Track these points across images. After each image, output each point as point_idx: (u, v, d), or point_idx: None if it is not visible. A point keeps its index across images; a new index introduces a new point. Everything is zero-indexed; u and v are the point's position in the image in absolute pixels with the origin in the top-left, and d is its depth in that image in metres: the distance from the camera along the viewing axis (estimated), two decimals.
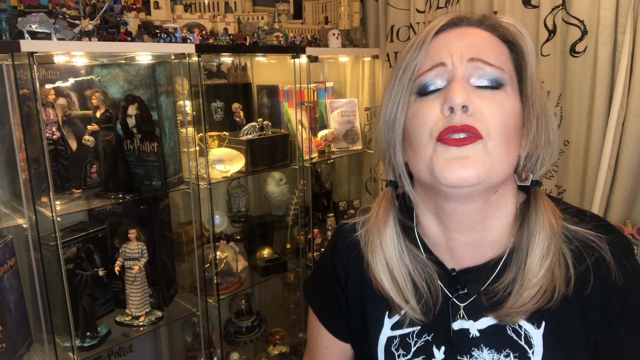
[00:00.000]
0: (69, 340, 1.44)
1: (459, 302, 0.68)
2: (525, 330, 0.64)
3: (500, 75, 0.62)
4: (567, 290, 0.62)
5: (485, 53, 0.62)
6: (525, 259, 0.62)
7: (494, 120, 0.60)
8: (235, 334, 2.01)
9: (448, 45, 0.63)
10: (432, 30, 0.65)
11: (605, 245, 0.63)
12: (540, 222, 0.63)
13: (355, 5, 2.32)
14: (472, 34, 0.64)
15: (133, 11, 1.58)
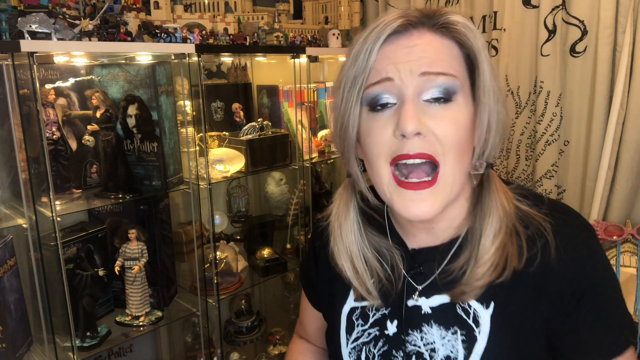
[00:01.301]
0: (69, 340, 1.44)
1: (416, 281, 0.72)
2: (475, 310, 0.67)
3: (452, 84, 0.61)
4: (520, 265, 0.64)
5: (436, 63, 0.61)
6: (479, 239, 0.65)
7: (448, 140, 0.61)
8: (235, 334, 2.01)
9: (395, 58, 0.62)
10: (379, 38, 0.62)
11: (552, 231, 0.65)
12: (493, 204, 0.66)
13: (355, 5, 2.32)
14: (420, 44, 0.62)
15: (133, 11, 1.58)
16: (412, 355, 0.70)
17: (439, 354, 0.68)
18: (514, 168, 1.87)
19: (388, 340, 0.73)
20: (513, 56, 1.80)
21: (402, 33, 0.62)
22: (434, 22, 0.63)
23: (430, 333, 0.69)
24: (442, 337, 0.68)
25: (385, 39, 0.63)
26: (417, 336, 0.70)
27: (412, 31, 0.63)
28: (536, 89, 1.75)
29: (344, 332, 0.78)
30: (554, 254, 0.64)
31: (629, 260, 1.56)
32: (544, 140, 1.74)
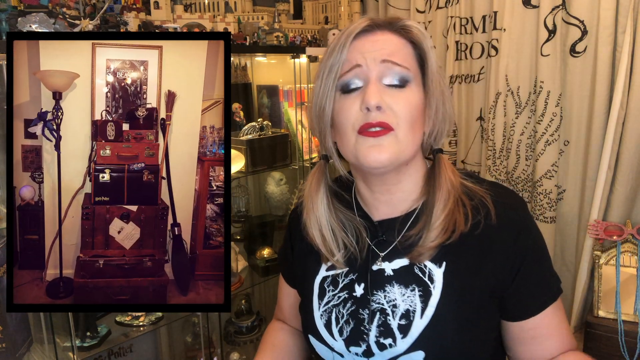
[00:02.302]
0: (69, 340, 1.44)
1: (379, 248, 0.84)
2: (429, 269, 0.80)
3: (406, 74, 0.76)
4: (466, 229, 0.77)
5: (394, 55, 0.76)
6: (431, 209, 0.78)
7: (402, 114, 0.75)
8: (235, 334, 2.01)
9: (363, 50, 0.77)
10: (350, 35, 0.77)
11: (492, 201, 0.79)
12: (442, 179, 0.79)
13: (355, 5, 2.32)
14: (382, 39, 0.77)
15: (133, 11, 1.58)
16: (376, 312, 0.81)
17: (399, 308, 0.79)
18: (514, 168, 1.87)
19: (356, 301, 0.83)
20: (513, 56, 1.80)
21: (369, 32, 0.78)
22: (394, 26, 0.79)
23: (392, 292, 0.81)
24: (402, 295, 0.80)
25: (355, 36, 0.77)
26: (381, 295, 0.81)
27: (377, 31, 0.78)
28: (536, 89, 1.75)
29: (316, 298, 0.88)
30: (495, 219, 0.78)
31: (629, 260, 1.56)
32: (544, 140, 1.74)
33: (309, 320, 0.88)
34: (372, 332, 0.80)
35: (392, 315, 0.80)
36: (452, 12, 1.97)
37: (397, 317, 0.79)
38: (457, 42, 1.98)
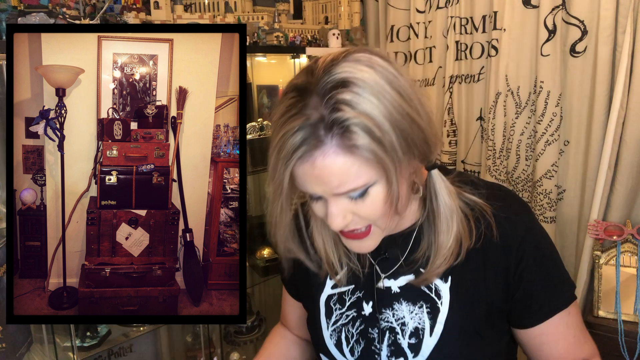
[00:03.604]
0: (69, 340, 1.44)
1: (383, 265, 0.82)
2: (436, 285, 0.79)
3: (363, 189, 0.66)
4: (470, 243, 0.75)
5: (344, 185, 0.65)
6: (434, 234, 0.76)
7: (372, 217, 0.69)
8: (235, 333, 2.01)
9: (309, 182, 0.66)
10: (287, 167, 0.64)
11: (492, 213, 0.76)
12: (440, 206, 0.74)
13: (355, 5, 2.32)
14: (325, 170, 0.63)
15: (133, 11, 1.58)
16: (385, 330, 0.80)
17: (408, 326, 0.79)
18: (514, 168, 1.87)
19: (364, 320, 0.82)
20: (513, 56, 1.80)
21: (306, 159, 0.64)
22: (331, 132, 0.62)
23: (400, 310, 0.80)
24: (410, 312, 0.79)
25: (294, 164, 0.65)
26: (390, 313, 0.80)
27: (315, 154, 0.63)
28: (536, 89, 1.75)
29: (324, 317, 0.86)
30: (496, 232, 0.75)
31: (629, 260, 1.56)
32: (544, 140, 1.74)
33: (319, 339, 0.87)
34: (384, 352, 0.80)
35: (401, 334, 0.79)
36: (452, 12, 1.97)
37: (406, 336, 0.79)
38: (457, 42, 1.98)
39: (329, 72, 0.64)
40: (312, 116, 0.63)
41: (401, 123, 0.64)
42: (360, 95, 0.62)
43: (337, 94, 0.62)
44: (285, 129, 0.64)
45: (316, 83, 0.64)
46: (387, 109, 0.63)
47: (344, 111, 0.62)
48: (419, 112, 0.67)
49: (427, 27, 2.10)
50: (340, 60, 0.65)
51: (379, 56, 0.67)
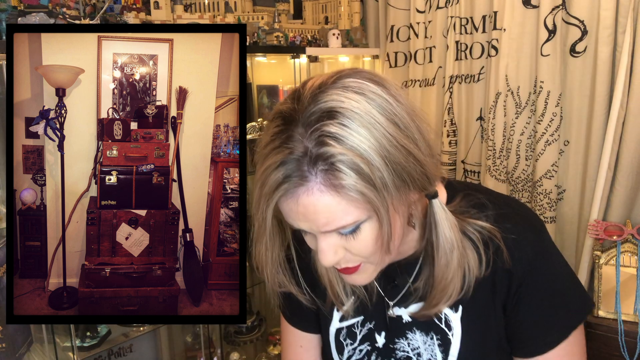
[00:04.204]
0: (69, 340, 1.44)
1: (391, 293, 0.77)
2: (446, 315, 0.74)
3: (355, 225, 0.61)
4: (480, 273, 0.70)
5: (331, 223, 0.59)
6: (432, 266, 0.70)
7: (365, 254, 0.64)
8: (235, 334, 2.01)
9: (293, 219, 0.62)
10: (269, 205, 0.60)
11: (501, 237, 0.70)
12: (440, 234, 0.68)
13: (355, 5, 2.32)
14: (310, 207, 0.58)
15: (133, 11, 1.58)
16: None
17: (423, 357, 0.75)
18: (514, 168, 1.87)
19: (380, 352, 0.78)
20: (513, 56, 1.80)
21: (289, 196, 0.59)
22: (315, 167, 0.57)
23: (414, 339, 0.76)
24: (424, 342, 0.76)
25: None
26: (404, 343, 0.77)
27: (299, 191, 0.58)
28: (536, 89, 1.75)
29: (335, 354, 0.82)
30: (507, 255, 0.69)
31: (629, 260, 1.56)
32: (544, 140, 1.74)
33: None
34: None
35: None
36: (452, 12, 1.97)
37: None
38: (457, 42, 1.98)
39: (315, 99, 0.59)
40: (296, 149, 0.57)
41: (395, 157, 0.58)
42: (348, 127, 0.56)
43: (322, 125, 0.57)
44: (267, 162, 0.59)
45: (302, 111, 0.58)
46: (379, 142, 0.57)
47: (330, 145, 0.56)
48: (416, 142, 0.60)
49: (427, 27, 2.10)
50: (328, 86, 0.60)
51: (372, 81, 0.60)
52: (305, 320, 0.89)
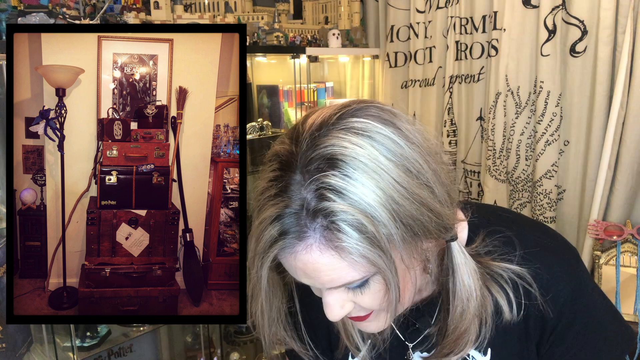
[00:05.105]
0: (69, 340, 1.44)
1: (412, 337, 0.71)
2: (473, 358, 0.68)
3: (359, 282, 0.55)
4: (511, 317, 0.64)
5: (335, 281, 0.54)
6: (447, 314, 0.63)
7: (377, 306, 0.59)
8: (235, 334, 2.01)
9: (294, 274, 0.57)
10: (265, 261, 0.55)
11: (532, 280, 0.63)
12: (457, 281, 0.61)
13: (355, 5, 2.32)
14: (309, 263, 0.53)
15: (133, 11, 1.58)
16: None
17: None
18: (514, 168, 1.87)
19: None
20: (513, 56, 1.80)
21: (287, 251, 0.54)
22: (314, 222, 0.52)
23: None
24: None
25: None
26: None
27: (297, 248, 0.53)
28: (536, 89, 1.75)
29: None
30: (541, 301, 0.63)
31: (629, 260, 1.56)
32: (544, 140, 1.74)
33: None
34: None
35: None
36: (452, 12, 1.97)
37: None
38: (457, 42, 1.98)
39: (314, 143, 0.52)
40: (293, 202, 0.52)
41: (405, 209, 0.52)
42: (351, 179, 0.50)
43: (322, 176, 0.51)
44: (262, 215, 0.54)
45: (300, 156, 0.53)
46: (386, 194, 0.51)
47: (330, 200, 0.50)
48: (432, 190, 0.54)
49: (427, 27, 2.10)
50: (330, 126, 0.53)
51: (379, 120, 0.54)
52: None
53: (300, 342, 0.71)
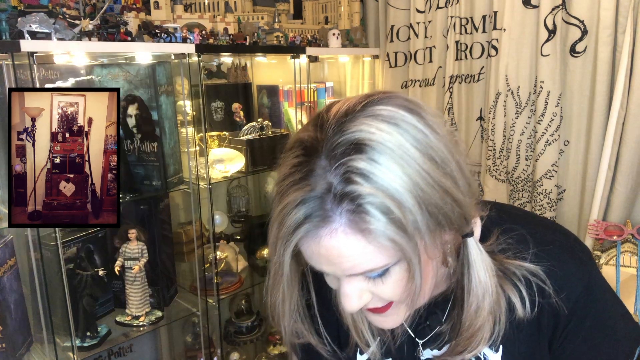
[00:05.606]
0: (69, 340, 1.44)
1: (423, 334, 0.71)
2: (484, 355, 0.67)
3: (381, 270, 0.55)
4: (524, 314, 0.64)
5: (357, 267, 0.54)
6: (461, 311, 0.63)
7: (394, 296, 0.58)
8: (235, 334, 2.01)
9: (314, 261, 0.56)
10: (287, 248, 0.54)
11: (546, 277, 0.64)
12: (473, 277, 0.61)
13: (355, 5, 2.32)
14: (333, 250, 0.53)
15: (133, 11, 1.58)
16: None
17: None
18: (514, 168, 1.87)
19: None
20: (513, 56, 1.80)
21: (311, 237, 0.53)
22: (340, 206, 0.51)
23: None
24: None
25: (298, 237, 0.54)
26: None
27: (321, 232, 0.52)
28: (536, 89, 1.75)
29: None
30: (554, 298, 0.63)
31: (629, 260, 1.56)
32: (544, 140, 1.74)
33: None
34: None
35: None
36: (452, 12, 1.97)
37: None
38: (457, 42, 1.98)
39: (341, 129, 0.52)
40: (318, 186, 0.51)
41: (430, 197, 0.51)
42: (378, 163, 0.50)
43: (349, 160, 0.50)
44: (286, 200, 0.53)
45: (325, 142, 0.52)
46: (412, 181, 0.50)
47: (357, 184, 0.50)
48: (455, 180, 0.54)
49: (427, 27, 2.10)
50: (356, 113, 0.53)
51: (406, 109, 0.54)
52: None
53: (318, 337, 0.70)
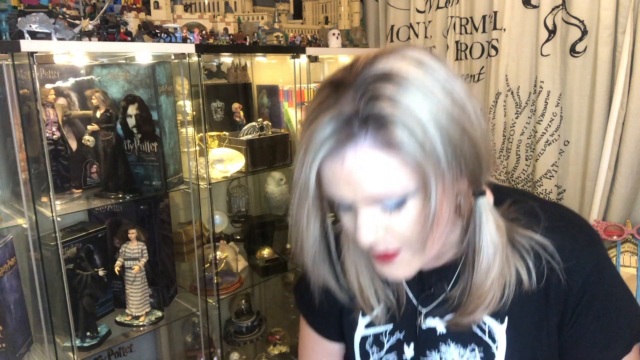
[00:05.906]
0: (69, 340, 1.44)
1: (425, 302, 0.72)
2: (489, 326, 0.68)
3: (398, 200, 0.56)
4: (530, 286, 0.65)
5: (377, 189, 0.55)
6: (471, 271, 0.64)
7: (407, 234, 0.58)
8: (235, 334, 2.01)
9: (336, 185, 0.57)
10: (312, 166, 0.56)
11: (554, 252, 0.64)
12: (484, 237, 0.63)
13: (355, 5, 2.32)
14: (356, 168, 0.54)
15: (133, 11, 1.58)
16: None
17: None
18: (514, 168, 1.87)
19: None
20: (513, 56, 1.80)
21: (335, 155, 0.55)
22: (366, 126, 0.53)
23: (448, 353, 0.70)
24: (460, 356, 0.69)
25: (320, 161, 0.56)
26: (436, 356, 0.71)
27: (346, 149, 0.54)
28: (536, 89, 1.75)
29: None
30: (560, 268, 0.64)
31: (629, 260, 1.56)
32: (544, 140, 1.74)
33: None
34: None
35: None
36: (452, 12, 1.97)
37: None
38: (457, 42, 1.98)
39: (370, 64, 0.55)
40: (345, 109, 0.53)
41: (450, 130, 0.53)
42: (405, 89, 0.52)
43: (376, 87, 0.52)
44: (313, 124, 0.55)
45: (354, 76, 0.55)
46: (434, 111, 0.52)
47: (384, 104, 0.52)
48: (472, 122, 0.56)
49: (427, 27, 2.10)
50: (384, 55, 0.56)
51: (430, 54, 0.57)
52: (331, 327, 0.84)
53: (335, 281, 0.72)
